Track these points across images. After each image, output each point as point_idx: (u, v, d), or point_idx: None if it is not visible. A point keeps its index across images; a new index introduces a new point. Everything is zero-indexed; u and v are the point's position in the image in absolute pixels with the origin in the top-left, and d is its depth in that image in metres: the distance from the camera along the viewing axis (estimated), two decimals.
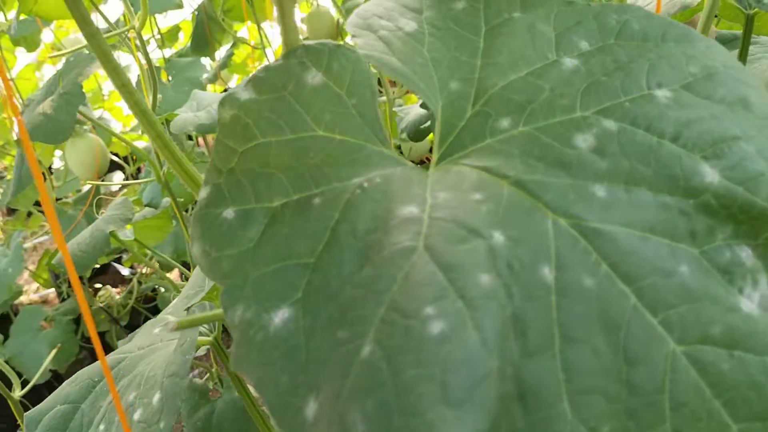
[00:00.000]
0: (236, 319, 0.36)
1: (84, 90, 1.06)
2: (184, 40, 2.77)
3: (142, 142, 2.41)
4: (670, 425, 0.32)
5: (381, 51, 0.41)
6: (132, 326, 2.48)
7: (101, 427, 0.57)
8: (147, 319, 2.45)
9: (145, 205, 1.39)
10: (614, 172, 0.37)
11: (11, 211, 3.08)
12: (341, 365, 0.32)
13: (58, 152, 2.63)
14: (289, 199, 0.38)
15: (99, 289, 2.38)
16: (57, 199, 2.26)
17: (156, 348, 0.63)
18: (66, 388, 0.64)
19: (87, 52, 1.36)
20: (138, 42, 1.25)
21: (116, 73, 0.44)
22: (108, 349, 2.53)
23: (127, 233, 1.51)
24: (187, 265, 2.05)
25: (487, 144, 0.40)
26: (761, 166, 0.37)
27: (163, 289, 2.33)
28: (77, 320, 2.26)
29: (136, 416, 0.53)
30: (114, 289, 2.42)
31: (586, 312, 0.33)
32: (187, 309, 0.56)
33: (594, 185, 0.37)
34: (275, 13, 0.42)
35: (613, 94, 0.40)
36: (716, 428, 0.33)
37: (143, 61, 1.25)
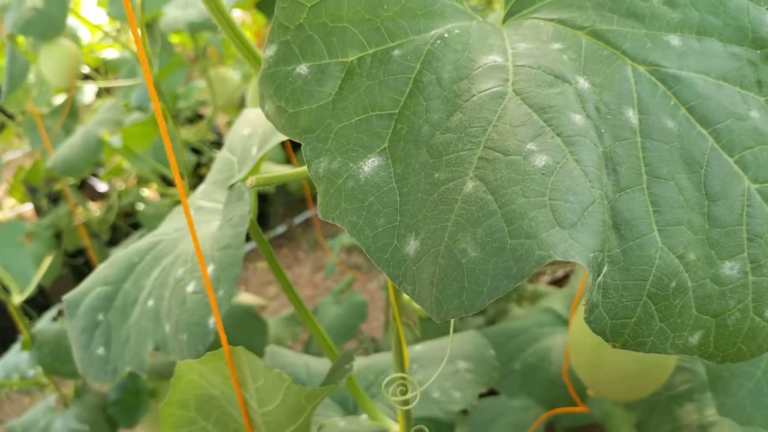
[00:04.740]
0: (321, 170, 0.37)
1: None
2: None
3: (115, 51, 2.32)
4: (747, 254, 0.34)
5: None
6: (114, 242, 2.46)
7: (150, 303, 0.58)
8: (128, 234, 2.43)
9: (135, 109, 1.36)
10: (686, 22, 0.38)
11: None
12: (443, 202, 0.33)
13: None
14: (365, 53, 0.38)
15: (77, 205, 2.34)
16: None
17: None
18: (103, 270, 0.65)
19: None
20: None
21: None
22: (89, 266, 2.53)
23: (114, 140, 1.48)
24: (165, 180, 2.02)
25: None
26: None
27: (142, 205, 2.30)
28: (58, 235, 2.23)
29: (190, 288, 0.54)
30: (93, 204, 2.39)
31: (669, 152, 0.35)
32: (231, 186, 0.56)
33: (668, 35, 0.37)
34: None
35: None
36: None
37: None
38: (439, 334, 1.11)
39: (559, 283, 2.01)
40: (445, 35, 0.37)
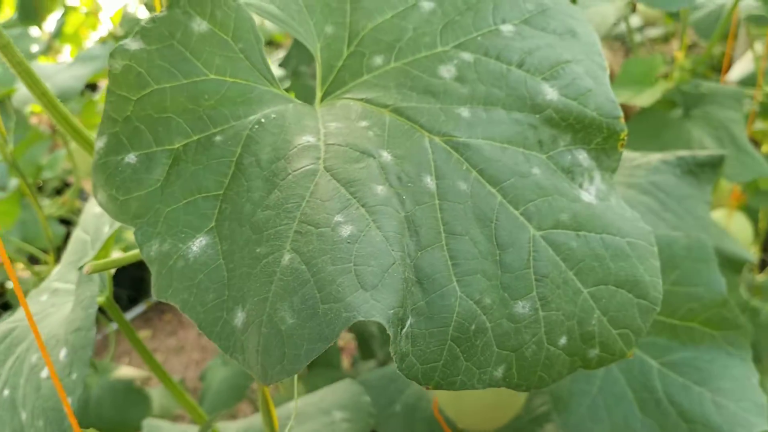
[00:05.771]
0: (153, 253, 0.39)
1: None
2: (9, 10, 2.54)
3: None
4: (536, 293, 0.39)
5: None
6: None
7: (5, 392, 0.56)
8: None
9: None
10: (474, 95, 0.44)
11: None
12: (264, 275, 0.36)
13: None
14: (189, 140, 0.41)
15: None
16: None
17: (49, 313, 0.63)
18: None
19: None
20: None
21: None
22: None
23: None
24: (33, 259, 1.94)
25: (365, 80, 0.46)
26: (589, 83, 0.45)
27: (11, 284, 2.18)
28: None
29: (44, 374, 0.54)
30: None
31: (464, 211, 0.40)
32: (80, 268, 0.57)
33: (459, 108, 0.43)
34: None
35: (467, 30, 0.46)
36: (571, 293, 0.41)
37: None
38: (328, 383, 1.13)
39: None
40: (262, 120, 0.41)
